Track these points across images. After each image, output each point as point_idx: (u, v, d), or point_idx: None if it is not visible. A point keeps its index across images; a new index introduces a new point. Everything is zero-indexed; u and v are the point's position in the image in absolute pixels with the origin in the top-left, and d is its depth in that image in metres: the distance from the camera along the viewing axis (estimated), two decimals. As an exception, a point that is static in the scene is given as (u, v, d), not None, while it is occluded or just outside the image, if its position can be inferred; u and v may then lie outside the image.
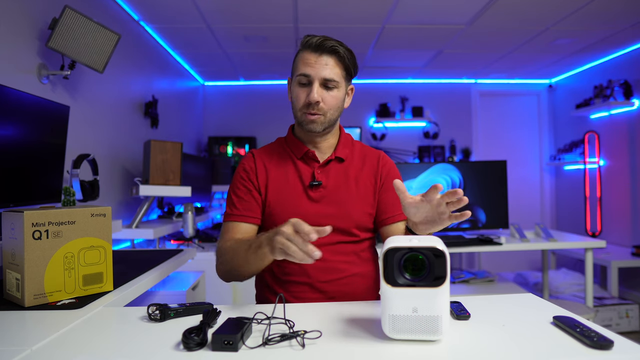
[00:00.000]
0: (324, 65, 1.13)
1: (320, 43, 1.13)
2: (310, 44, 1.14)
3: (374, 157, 1.27)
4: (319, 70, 1.13)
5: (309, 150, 1.22)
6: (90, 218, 1.08)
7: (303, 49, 1.16)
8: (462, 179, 2.80)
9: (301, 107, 1.17)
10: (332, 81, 1.15)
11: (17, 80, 1.74)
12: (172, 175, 2.54)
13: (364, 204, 1.21)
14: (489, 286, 3.02)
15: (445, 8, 2.87)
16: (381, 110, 4.75)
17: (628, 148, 3.84)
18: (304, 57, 1.15)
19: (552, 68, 4.44)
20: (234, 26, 3.14)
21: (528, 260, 4.89)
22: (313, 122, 1.16)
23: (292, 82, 1.20)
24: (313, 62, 1.14)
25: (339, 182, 1.21)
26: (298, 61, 1.17)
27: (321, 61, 1.14)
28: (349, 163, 1.24)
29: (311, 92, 1.13)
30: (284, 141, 1.29)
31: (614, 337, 0.74)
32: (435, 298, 0.73)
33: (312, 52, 1.14)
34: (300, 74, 1.15)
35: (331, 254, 1.15)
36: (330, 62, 1.14)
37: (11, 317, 0.92)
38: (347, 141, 1.28)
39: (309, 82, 1.15)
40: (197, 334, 0.74)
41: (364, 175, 1.24)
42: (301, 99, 1.16)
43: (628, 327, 3.33)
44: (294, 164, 1.23)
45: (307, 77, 1.14)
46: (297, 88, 1.17)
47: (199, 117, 4.73)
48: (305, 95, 1.15)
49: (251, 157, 1.26)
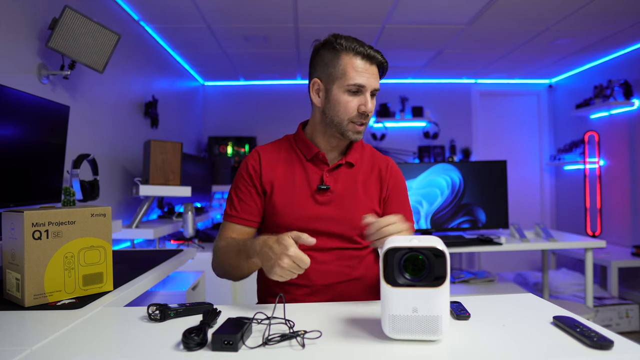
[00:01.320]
0: (374, 76, 1.14)
1: (372, 54, 1.13)
2: (361, 53, 1.12)
3: (382, 165, 1.26)
4: (372, 81, 1.13)
5: (319, 152, 1.20)
6: (90, 218, 1.08)
7: (352, 54, 1.12)
8: (462, 179, 2.80)
9: (352, 116, 1.14)
10: (377, 90, 1.16)
11: (17, 80, 1.74)
12: (172, 175, 2.54)
13: (371, 211, 1.20)
14: (489, 286, 3.01)
15: (445, 8, 2.87)
16: (381, 110, 4.75)
17: (628, 148, 3.84)
18: (355, 64, 1.12)
19: (552, 68, 4.44)
20: (234, 26, 3.14)
21: (528, 260, 4.89)
22: (359, 133, 1.16)
23: (336, 88, 1.14)
24: (365, 71, 1.12)
25: (347, 187, 1.20)
26: (347, 68, 1.12)
27: (372, 71, 1.13)
28: (358, 168, 1.23)
29: (366, 102, 1.12)
30: (293, 140, 1.26)
31: (614, 337, 0.74)
32: (435, 298, 0.73)
33: (365, 61, 1.12)
34: (354, 83, 1.11)
35: (334, 258, 1.15)
36: (376, 72, 1.15)
37: (11, 317, 0.92)
38: (358, 144, 1.26)
39: (359, 92, 1.13)
40: (197, 334, 0.74)
41: (372, 182, 1.23)
42: (352, 107, 1.13)
43: (628, 327, 3.33)
44: (302, 166, 1.21)
45: (361, 87, 1.12)
46: (346, 96, 1.13)
47: (199, 117, 4.73)
48: (356, 104, 1.13)
49: (256, 156, 1.23)
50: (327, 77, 1.15)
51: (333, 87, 1.14)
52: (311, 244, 0.92)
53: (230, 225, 1.20)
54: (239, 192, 1.21)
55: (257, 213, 1.20)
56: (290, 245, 0.89)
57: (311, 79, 1.20)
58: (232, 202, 1.21)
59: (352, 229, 1.17)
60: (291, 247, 0.89)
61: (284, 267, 0.89)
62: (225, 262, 1.12)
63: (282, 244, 0.90)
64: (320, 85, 1.17)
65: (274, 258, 0.90)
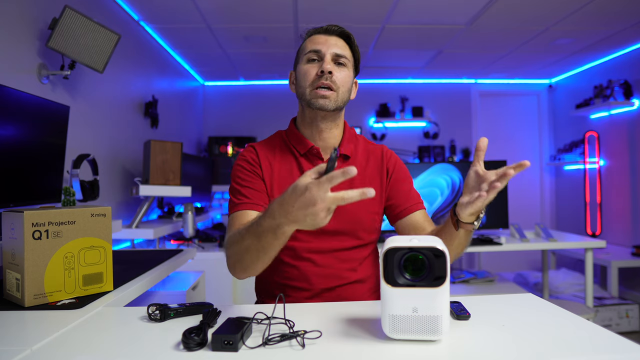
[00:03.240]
0: (335, 44, 1.12)
1: (329, 28, 1.14)
2: (318, 30, 1.15)
3: (377, 152, 1.23)
4: (329, 47, 1.11)
5: (313, 146, 1.16)
6: (90, 218, 1.08)
7: (311, 34, 1.16)
8: (462, 179, 2.80)
9: (311, 81, 1.10)
10: (343, 57, 1.12)
11: (17, 80, 1.74)
12: (172, 175, 2.54)
13: (370, 204, 1.16)
14: (489, 286, 3.01)
15: (445, 8, 2.87)
16: (381, 110, 4.76)
17: (628, 148, 3.84)
18: (312, 39, 1.14)
19: (552, 68, 4.44)
20: (234, 26, 3.14)
21: (528, 260, 4.89)
22: (325, 97, 1.09)
23: (299, 64, 1.15)
24: (323, 40, 1.12)
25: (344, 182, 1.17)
26: (305, 44, 1.15)
27: (331, 40, 1.13)
28: (353, 160, 1.19)
29: (324, 63, 1.09)
30: (285, 135, 1.22)
31: (615, 337, 0.74)
32: (435, 298, 0.73)
33: (321, 34, 1.14)
34: (310, 50, 1.12)
35: (334, 261, 1.13)
36: (340, 42, 1.14)
37: (11, 317, 0.92)
38: (351, 136, 1.22)
39: (320, 58, 1.11)
40: (197, 334, 0.74)
41: (369, 172, 1.19)
42: (311, 73, 1.11)
43: (628, 327, 3.33)
44: (297, 161, 1.17)
45: (317, 52, 1.11)
46: (305, 65, 1.12)
47: (199, 117, 4.73)
48: (316, 69, 1.10)
49: (252, 150, 1.19)
50: (296, 63, 1.18)
51: (298, 67, 1.16)
52: (352, 174, 0.71)
53: (239, 214, 1.07)
54: (241, 182, 1.14)
55: (265, 198, 1.12)
56: (320, 186, 0.71)
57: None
58: (237, 192, 1.13)
59: (352, 224, 1.14)
60: (322, 187, 0.71)
61: (326, 209, 0.72)
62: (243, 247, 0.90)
63: (311, 188, 0.72)
64: (293, 74, 1.20)
65: (311, 207, 0.72)
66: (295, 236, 1.13)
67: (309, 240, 1.13)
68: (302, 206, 0.73)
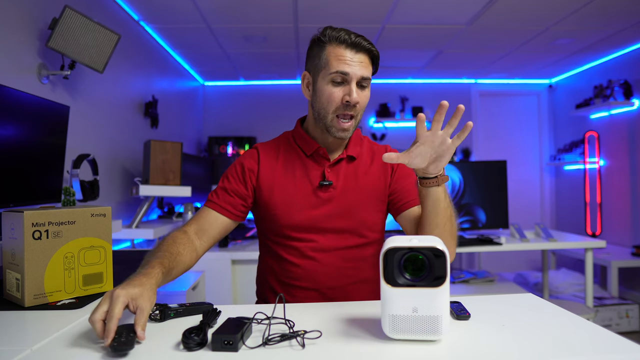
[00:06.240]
0: (361, 64, 1.07)
1: (357, 41, 1.06)
2: (345, 41, 1.06)
3: (382, 152, 1.23)
4: (357, 69, 1.06)
5: (320, 147, 1.15)
6: (90, 218, 1.08)
7: (336, 43, 1.07)
8: (462, 179, 2.80)
9: (336, 107, 1.08)
10: (367, 79, 1.09)
11: (17, 80, 1.74)
12: (172, 175, 2.54)
13: (375, 202, 1.17)
14: (489, 286, 3.01)
15: (445, 8, 2.87)
16: (381, 110, 4.75)
17: (628, 148, 3.84)
18: (338, 53, 1.06)
19: (552, 68, 4.44)
20: (234, 26, 3.14)
21: (528, 260, 4.89)
22: (345, 130, 1.10)
23: (321, 79, 1.09)
24: (349, 59, 1.06)
25: (349, 181, 1.16)
26: (330, 57, 1.07)
27: (358, 59, 1.07)
28: (358, 161, 1.19)
29: (351, 92, 1.06)
30: (292, 137, 1.22)
31: (614, 337, 0.74)
32: (435, 298, 0.73)
33: (349, 49, 1.06)
34: (336, 71, 1.06)
35: (340, 260, 1.13)
36: (365, 60, 1.08)
37: (11, 317, 0.92)
38: (357, 138, 1.22)
39: (345, 81, 1.07)
40: (197, 334, 0.74)
41: (374, 170, 1.19)
42: (336, 98, 1.07)
43: (628, 327, 3.33)
44: (302, 162, 1.17)
45: (344, 75, 1.06)
46: (330, 86, 1.07)
47: (199, 117, 4.73)
48: (341, 95, 1.07)
49: (255, 155, 1.19)
50: (314, 68, 1.11)
51: (318, 79, 1.10)
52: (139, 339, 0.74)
53: (206, 210, 1.14)
54: (226, 183, 1.17)
55: (238, 206, 1.15)
56: (114, 307, 0.73)
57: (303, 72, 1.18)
58: (217, 188, 1.17)
59: (357, 223, 1.14)
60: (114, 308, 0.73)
61: (94, 319, 0.74)
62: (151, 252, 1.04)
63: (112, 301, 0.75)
64: (309, 78, 1.14)
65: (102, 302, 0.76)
66: (299, 236, 1.13)
67: (312, 239, 1.13)
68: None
